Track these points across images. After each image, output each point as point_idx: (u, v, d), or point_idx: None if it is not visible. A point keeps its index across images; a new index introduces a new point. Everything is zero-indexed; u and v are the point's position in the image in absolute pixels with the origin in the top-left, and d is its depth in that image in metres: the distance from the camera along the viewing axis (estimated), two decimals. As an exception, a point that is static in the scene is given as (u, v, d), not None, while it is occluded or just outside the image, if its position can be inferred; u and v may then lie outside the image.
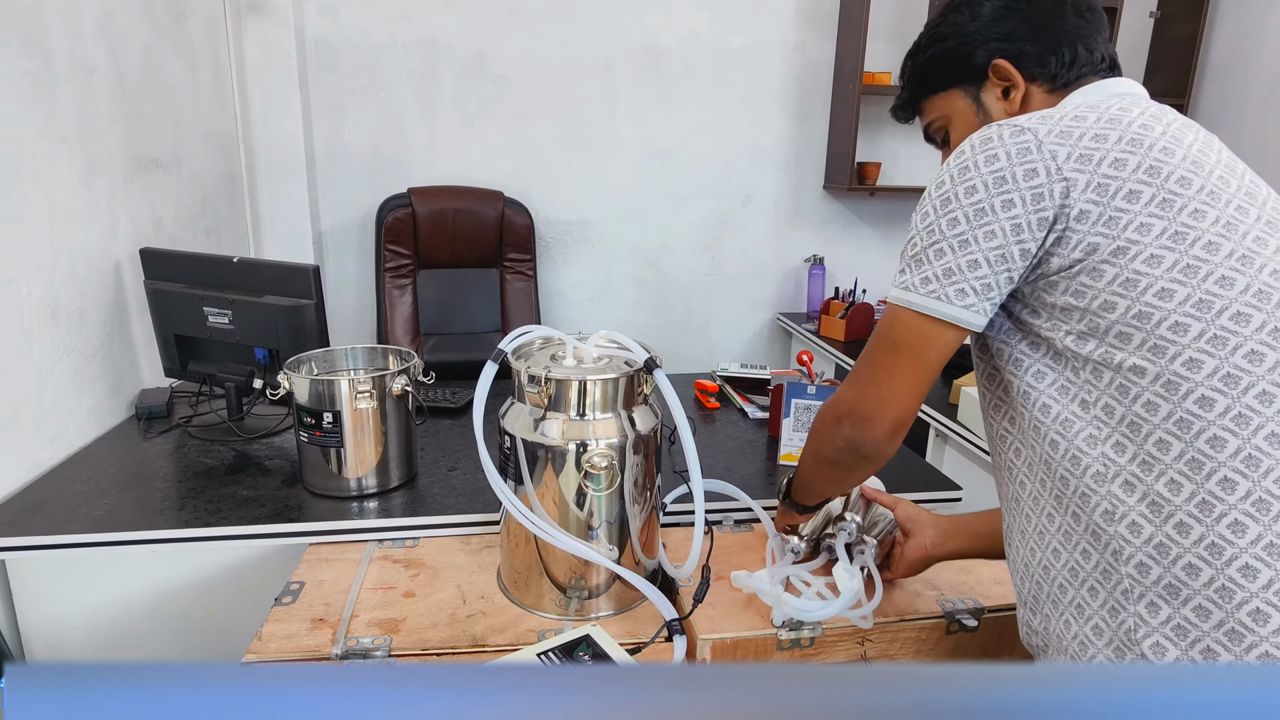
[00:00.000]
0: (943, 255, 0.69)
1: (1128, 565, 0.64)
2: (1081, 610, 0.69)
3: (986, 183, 0.67)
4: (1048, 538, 0.72)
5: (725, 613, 0.99)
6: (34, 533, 1.11)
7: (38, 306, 1.31)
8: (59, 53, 1.38)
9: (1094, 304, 0.65)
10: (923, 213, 0.71)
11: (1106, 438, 0.65)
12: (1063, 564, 0.70)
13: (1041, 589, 0.74)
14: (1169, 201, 0.63)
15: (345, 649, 0.91)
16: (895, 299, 0.73)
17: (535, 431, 0.96)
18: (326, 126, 2.51)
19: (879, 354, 0.75)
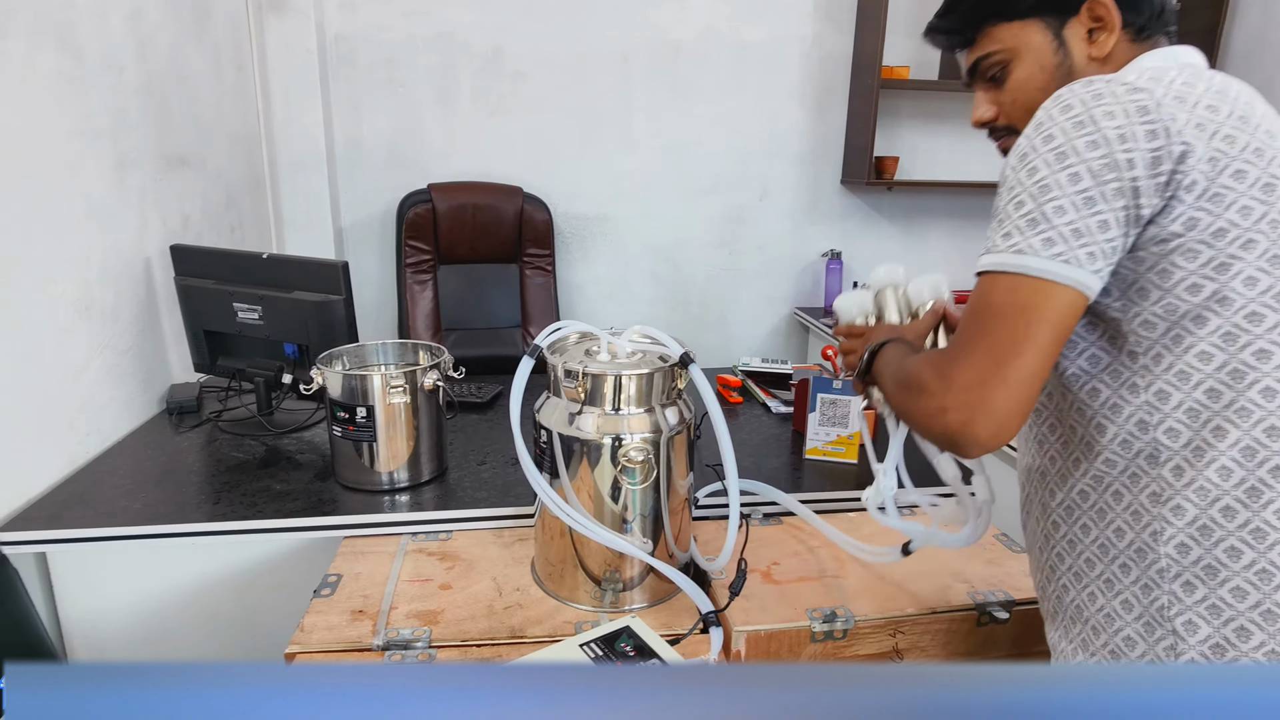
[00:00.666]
0: (1063, 213, 0.61)
1: (1167, 545, 0.65)
2: (1111, 585, 0.70)
3: (1108, 137, 0.61)
4: (1077, 513, 0.72)
5: (759, 605, 1.00)
6: (74, 525, 1.13)
7: (73, 303, 1.33)
8: (90, 51, 1.39)
9: (1179, 286, 0.62)
10: (1028, 168, 0.63)
11: (1159, 422, 0.65)
12: (1092, 539, 0.71)
13: (1063, 561, 0.75)
14: (1271, 186, 0.61)
15: (386, 640, 0.92)
16: (1007, 265, 0.62)
17: (571, 426, 0.97)
18: (346, 122, 2.52)
19: (1001, 330, 0.62)
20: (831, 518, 1.25)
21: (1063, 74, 0.74)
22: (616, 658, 0.79)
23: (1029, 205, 0.62)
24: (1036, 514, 0.79)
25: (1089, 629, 0.72)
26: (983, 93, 0.80)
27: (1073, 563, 0.73)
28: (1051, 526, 0.76)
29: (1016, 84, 0.76)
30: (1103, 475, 0.70)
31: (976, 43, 0.78)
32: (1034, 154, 0.63)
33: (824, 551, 1.14)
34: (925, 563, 1.11)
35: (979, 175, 2.83)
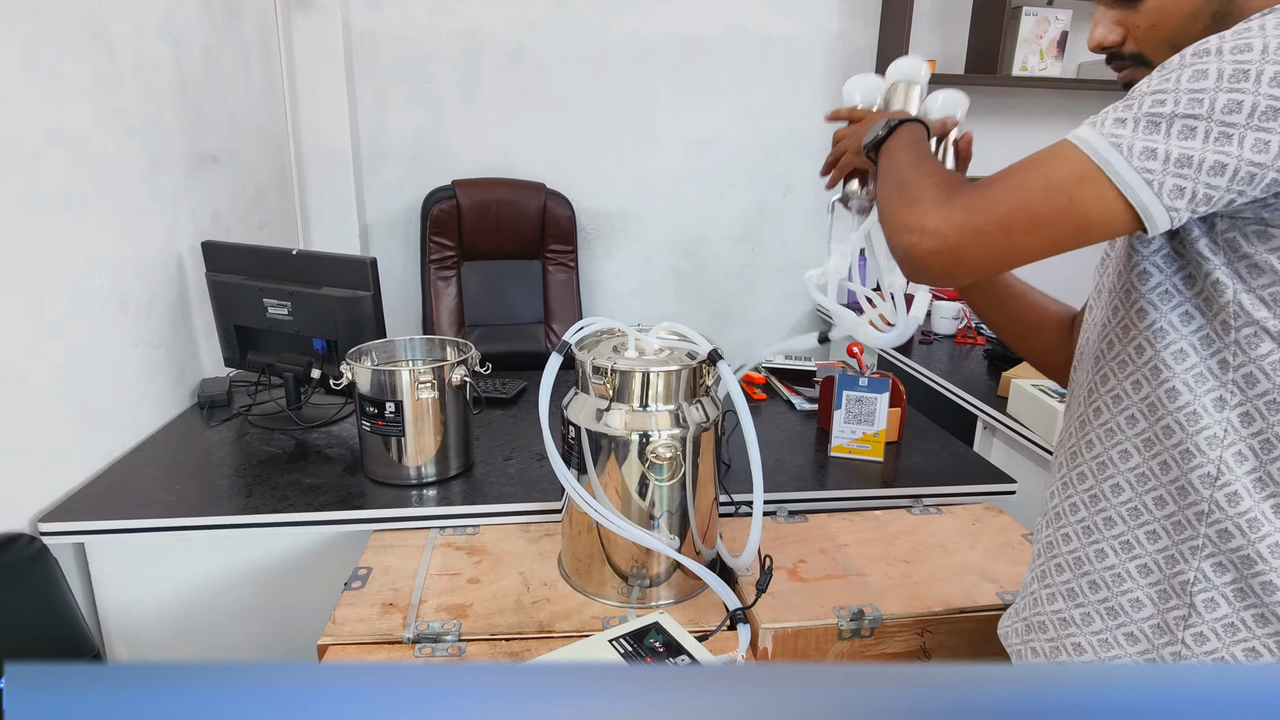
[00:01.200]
0: (1191, 136, 0.54)
1: (1210, 528, 0.64)
2: (1129, 548, 0.68)
3: None
4: (1110, 471, 0.70)
5: (786, 603, 1.00)
6: (111, 517, 1.15)
7: (109, 299, 1.36)
8: (124, 51, 1.42)
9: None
10: (1198, 69, 0.54)
11: (1238, 405, 0.62)
12: (1123, 501, 0.69)
13: (1076, 512, 0.72)
14: None
15: (417, 633, 0.94)
16: (1097, 151, 0.56)
17: (599, 422, 0.97)
18: (371, 119, 2.54)
19: (1038, 201, 0.58)
20: (857, 516, 1.24)
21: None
22: (646, 653, 0.79)
23: (1167, 106, 0.55)
24: (1064, 457, 0.75)
25: (1085, 581, 0.71)
26: (1107, 8, 0.68)
27: (1087, 516, 0.71)
28: (1076, 476, 0.73)
29: (1159, 4, 0.64)
30: (1155, 441, 0.66)
31: None
32: (1215, 58, 0.54)
33: (850, 549, 1.14)
34: (952, 562, 1.11)
35: (1005, 170, 2.80)
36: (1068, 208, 0.57)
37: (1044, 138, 2.85)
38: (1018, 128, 2.80)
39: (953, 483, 1.32)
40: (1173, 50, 0.63)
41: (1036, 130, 2.80)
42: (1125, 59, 0.68)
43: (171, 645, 1.24)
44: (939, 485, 1.31)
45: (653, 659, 0.79)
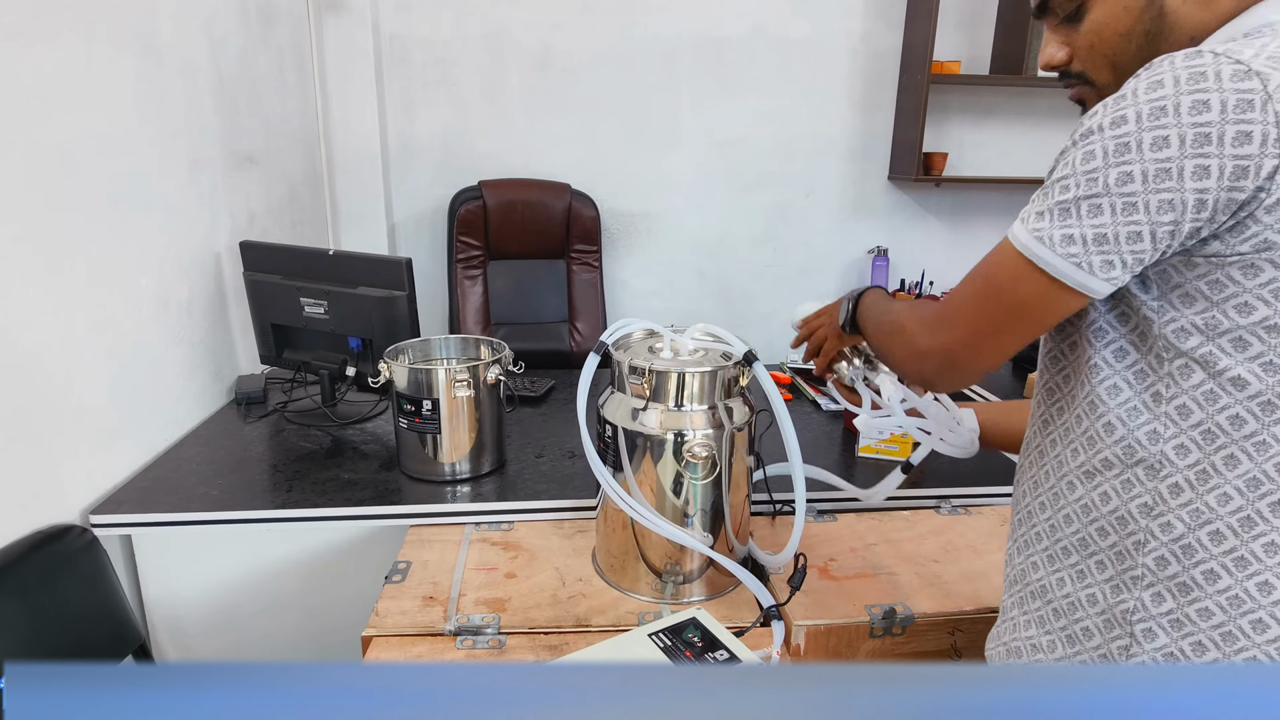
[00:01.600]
0: (1099, 213, 0.57)
1: (1147, 557, 0.64)
2: (1083, 576, 0.69)
3: (1185, 137, 0.54)
4: (1062, 502, 0.71)
5: (818, 600, 1.01)
6: (157, 510, 1.19)
7: (152, 298, 1.39)
8: (169, 55, 1.45)
9: (1229, 302, 0.58)
10: (1086, 150, 0.58)
11: (1172, 437, 0.62)
12: (1073, 531, 0.70)
13: (1040, 540, 0.73)
14: None
15: (458, 626, 0.96)
16: (1026, 247, 0.61)
17: (635, 421, 0.99)
18: (400, 120, 2.57)
19: (992, 306, 0.64)
20: (885, 516, 1.25)
21: (1150, 17, 0.63)
22: (685, 648, 0.81)
23: (1071, 192, 0.59)
24: (1026, 486, 0.77)
25: (1050, 609, 0.72)
26: (1053, 31, 0.70)
27: (1049, 545, 0.72)
28: (1037, 506, 0.74)
29: (1095, 26, 0.66)
30: (1096, 473, 0.68)
31: None
32: (1098, 135, 0.57)
33: (880, 548, 1.15)
34: (982, 563, 1.12)
35: (1030, 171, 2.79)
36: (1017, 306, 0.63)
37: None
38: (1044, 128, 2.79)
39: (980, 484, 1.33)
40: (1112, 69, 0.67)
41: (1062, 131, 2.79)
42: (1074, 78, 0.70)
43: (214, 636, 1.27)
44: (966, 486, 1.32)
45: (691, 654, 0.80)
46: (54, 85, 1.13)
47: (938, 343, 0.69)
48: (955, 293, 0.68)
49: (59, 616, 1.06)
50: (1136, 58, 0.64)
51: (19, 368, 1.06)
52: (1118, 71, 0.66)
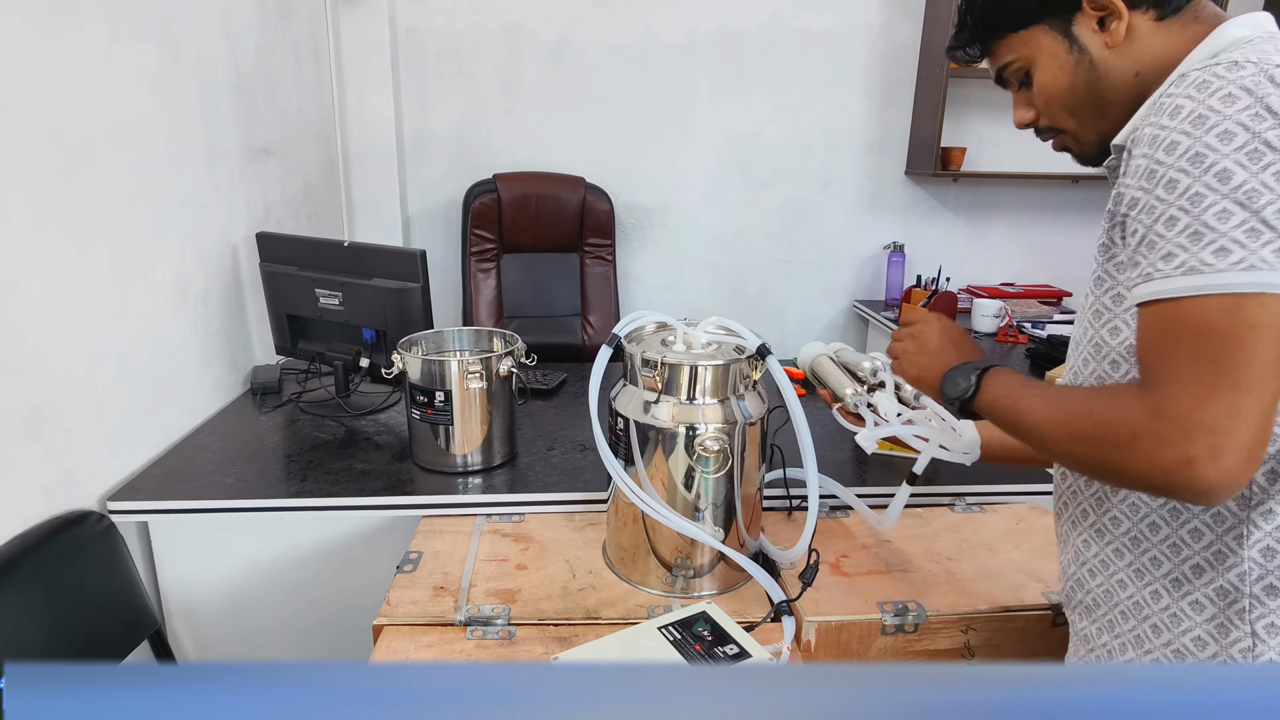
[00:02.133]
0: (1230, 216, 0.56)
1: (1252, 550, 0.65)
2: (1179, 585, 0.69)
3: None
4: (1144, 511, 0.71)
5: (829, 597, 1.00)
6: (173, 498, 1.20)
7: (170, 288, 1.41)
8: (187, 48, 1.46)
9: None
10: (1215, 172, 0.56)
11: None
12: (1161, 539, 0.70)
13: (1121, 556, 0.74)
14: None
15: (468, 616, 0.96)
16: (1243, 285, 0.55)
17: (647, 414, 0.99)
18: (414, 114, 2.58)
19: (1243, 357, 0.55)
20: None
21: (1084, 69, 0.72)
22: (694, 641, 0.81)
23: (1240, 214, 0.55)
24: (1087, 505, 0.77)
25: (1148, 626, 0.71)
26: (1016, 95, 0.79)
27: (1134, 559, 0.72)
28: (1109, 522, 0.74)
29: (1041, 87, 0.75)
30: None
31: (993, 54, 0.79)
32: (1213, 154, 0.57)
33: (894, 545, 1.14)
34: (997, 561, 1.11)
35: (1049, 166, 2.75)
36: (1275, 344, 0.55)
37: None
38: (1064, 123, 2.75)
39: (995, 481, 1.31)
40: (1071, 115, 0.75)
41: (1083, 126, 2.74)
42: (1046, 131, 0.79)
43: (228, 622, 1.28)
44: (981, 484, 1.30)
45: (701, 647, 0.80)
46: (75, 77, 1.15)
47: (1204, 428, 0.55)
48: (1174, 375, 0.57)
49: (77, 600, 1.08)
50: (1087, 99, 0.73)
51: (42, 355, 1.07)
52: (1077, 116, 0.75)
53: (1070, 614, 0.84)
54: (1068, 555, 0.82)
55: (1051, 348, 2.10)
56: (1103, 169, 0.75)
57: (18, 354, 1.03)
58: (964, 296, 2.70)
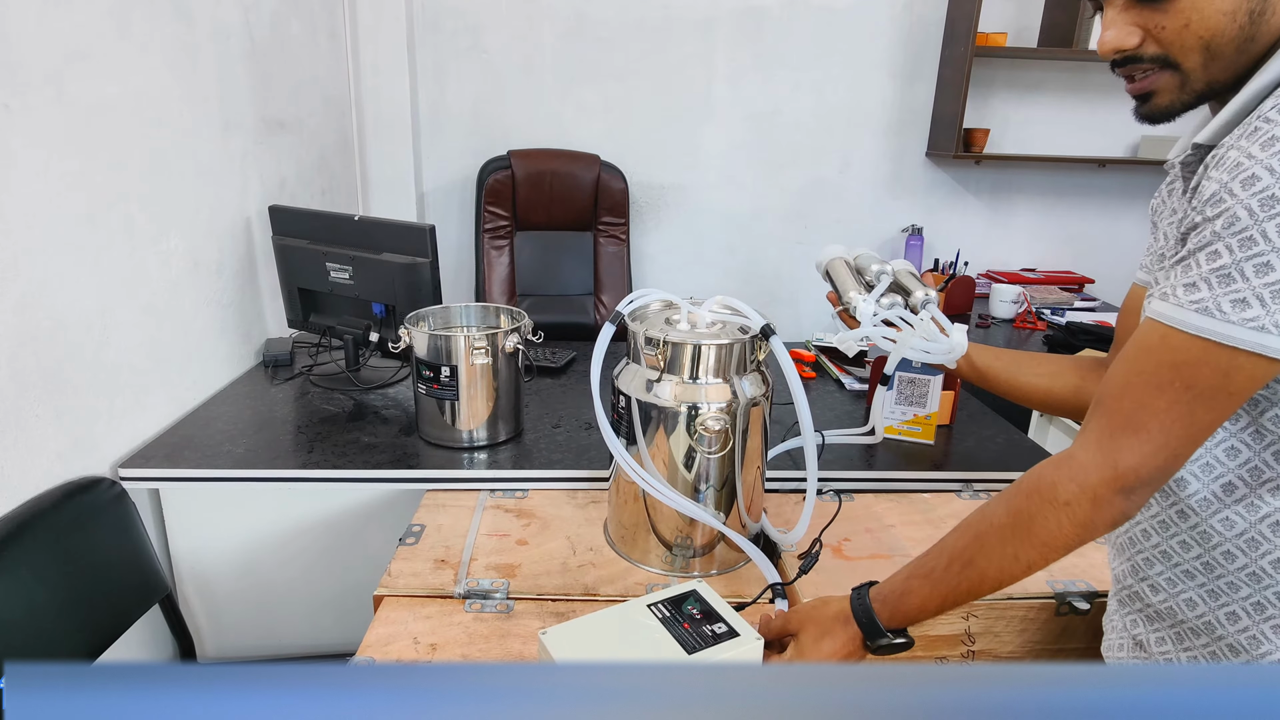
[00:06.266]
0: (1269, 271, 0.54)
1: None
2: (1262, 609, 0.68)
3: None
4: (1216, 539, 0.69)
5: (830, 579, 1.00)
6: (184, 466, 1.22)
7: (183, 258, 1.42)
8: (201, 18, 1.46)
9: None
10: (1228, 217, 0.55)
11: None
12: (1239, 567, 0.69)
13: (1194, 578, 0.71)
14: None
15: (467, 589, 0.97)
16: (1191, 325, 0.57)
17: (649, 393, 0.98)
18: (431, 88, 2.57)
19: (1185, 402, 0.58)
20: (904, 498, 1.23)
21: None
22: (683, 620, 0.81)
23: (1223, 258, 0.55)
24: (1149, 526, 0.75)
25: (1222, 645, 0.70)
26: (1123, 12, 0.63)
27: (1207, 581, 0.70)
28: (1178, 546, 0.72)
29: (1193, 2, 0.59)
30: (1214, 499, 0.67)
31: None
32: (1233, 200, 0.55)
33: (898, 530, 1.13)
34: (1002, 548, 1.09)
35: (1078, 150, 2.69)
36: (1226, 391, 0.57)
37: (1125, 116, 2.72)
38: (1095, 106, 2.68)
39: (1006, 469, 1.30)
40: (1205, 51, 0.60)
41: (1114, 109, 2.68)
42: (1145, 62, 0.63)
43: (237, 589, 1.30)
44: (991, 471, 1.29)
45: (689, 625, 0.80)
46: (91, 46, 1.15)
47: (1137, 473, 0.60)
48: (1120, 406, 0.61)
49: (89, 564, 1.10)
50: (1236, 39, 0.59)
51: (56, 324, 1.08)
52: (1209, 54, 0.60)
53: (1124, 616, 0.81)
54: (1123, 567, 0.80)
55: (1070, 335, 2.06)
56: (1172, 160, 0.70)
57: (32, 321, 1.04)
58: (982, 281, 2.66)
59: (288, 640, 1.35)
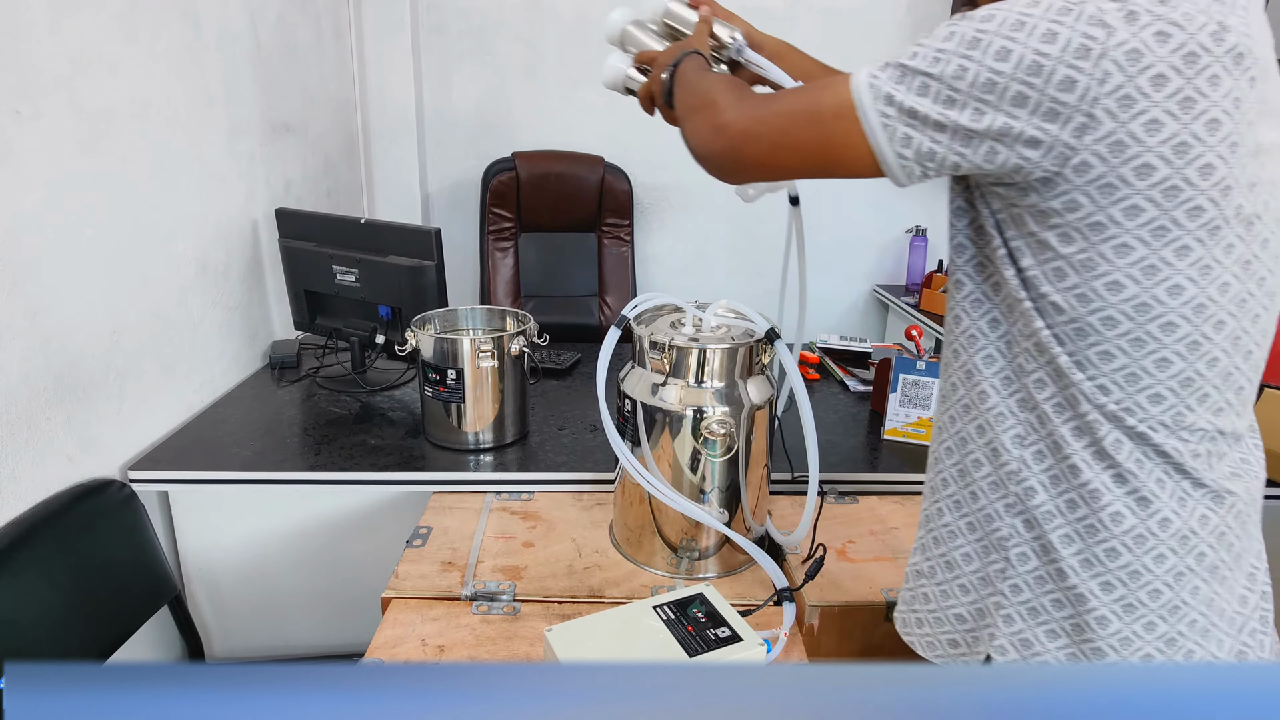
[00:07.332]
0: (925, 93, 0.57)
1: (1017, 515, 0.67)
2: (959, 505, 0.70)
3: (1023, 59, 0.54)
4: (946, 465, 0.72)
5: (833, 582, 1.01)
6: (193, 468, 1.23)
7: (191, 262, 1.43)
8: (208, 22, 1.47)
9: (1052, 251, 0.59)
10: (949, 29, 0.57)
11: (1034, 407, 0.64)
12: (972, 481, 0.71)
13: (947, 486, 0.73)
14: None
15: (474, 591, 0.98)
16: (858, 86, 0.60)
17: (654, 396, 0.99)
18: (435, 91, 2.58)
19: (805, 126, 0.64)
20: (909, 500, 1.24)
21: None
22: (688, 623, 0.81)
23: (915, 60, 0.58)
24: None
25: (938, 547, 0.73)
26: None
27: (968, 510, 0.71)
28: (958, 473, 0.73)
29: None
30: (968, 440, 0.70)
31: None
32: (963, 21, 0.57)
33: (902, 532, 1.14)
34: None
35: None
36: (823, 137, 0.62)
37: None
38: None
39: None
40: None
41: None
42: None
43: (245, 590, 1.31)
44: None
45: (693, 628, 0.81)
46: (100, 52, 1.16)
47: (738, 129, 0.67)
48: (783, 97, 0.67)
49: (99, 566, 1.11)
50: None
51: (65, 327, 1.09)
52: None
53: None
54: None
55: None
56: None
57: (40, 325, 1.05)
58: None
59: (295, 641, 1.35)
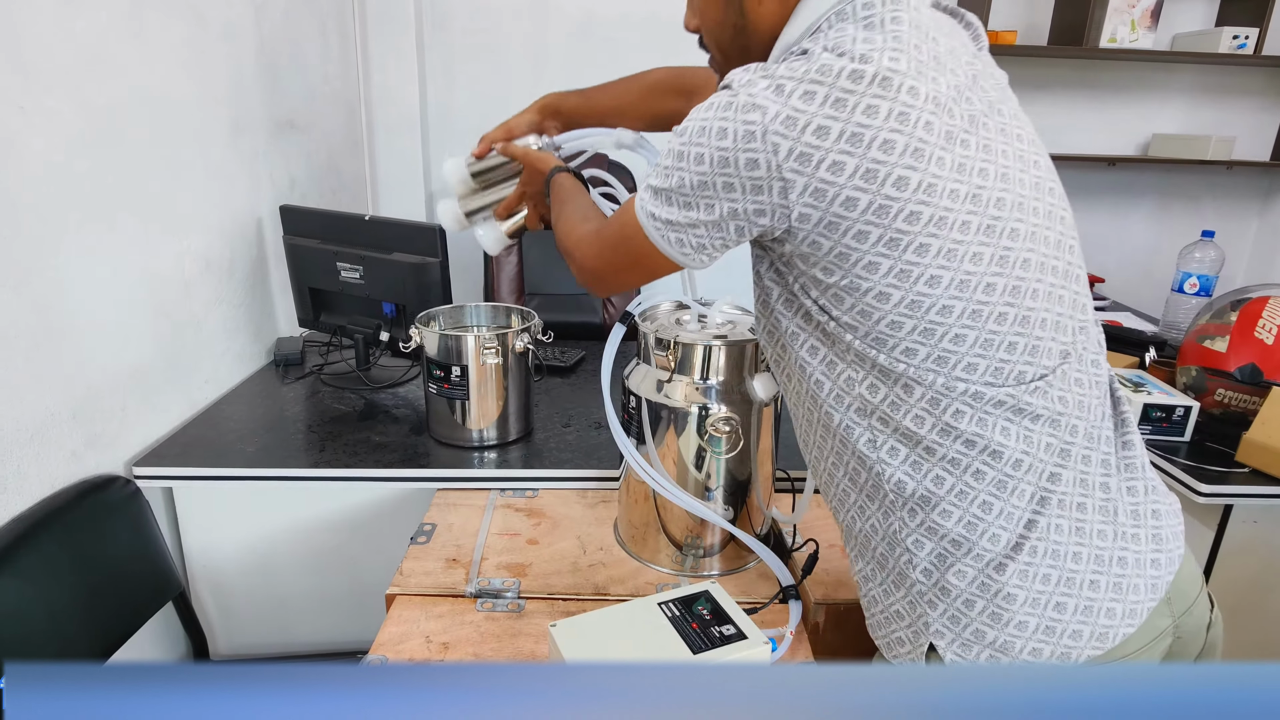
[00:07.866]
0: (670, 203, 0.67)
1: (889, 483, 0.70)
2: (863, 510, 0.74)
3: (713, 157, 0.63)
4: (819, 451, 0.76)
5: (839, 579, 1.00)
6: (197, 465, 1.23)
7: (196, 259, 1.43)
8: (213, 19, 1.47)
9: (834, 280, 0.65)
10: (668, 150, 0.67)
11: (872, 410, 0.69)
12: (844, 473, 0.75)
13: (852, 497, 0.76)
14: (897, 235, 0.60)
15: (479, 589, 0.97)
16: (640, 211, 0.70)
17: (659, 393, 0.98)
18: (440, 88, 2.57)
19: (622, 251, 0.74)
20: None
21: (736, 12, 0.71)
22: (693, 620, 0.81)
23: (655, 179, 0.68)
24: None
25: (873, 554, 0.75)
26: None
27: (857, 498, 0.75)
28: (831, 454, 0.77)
29: (701, 4, 0.75)
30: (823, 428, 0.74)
31: None
32: (675, 136, 0.66)
33: (906, 531, 1.13)
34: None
35: (1085, 148, 2.67)
36: (637, 256, 0.72)
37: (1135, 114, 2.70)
38: (1105, 103, 2.66)
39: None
40: (717, 48, 0.76)
41: (1126, 107, 2.66)
42: (703, 45, 0.78)
43: (249, 587, 1.31)
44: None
45: (698, 625, 0.81)
46: (105, 47, 1.16)
47: (589, 270, 0.80)
48: (607, 226, 0.77)
49: (103, 563, 1.11)
50: (734, 44, 0.73)
51: (69, 324, 1.09)
52: (724, 53, 0.75)
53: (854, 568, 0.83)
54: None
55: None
56: None
57: (45, 322, 1.05)
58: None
59: (299, 638, 1.36)
